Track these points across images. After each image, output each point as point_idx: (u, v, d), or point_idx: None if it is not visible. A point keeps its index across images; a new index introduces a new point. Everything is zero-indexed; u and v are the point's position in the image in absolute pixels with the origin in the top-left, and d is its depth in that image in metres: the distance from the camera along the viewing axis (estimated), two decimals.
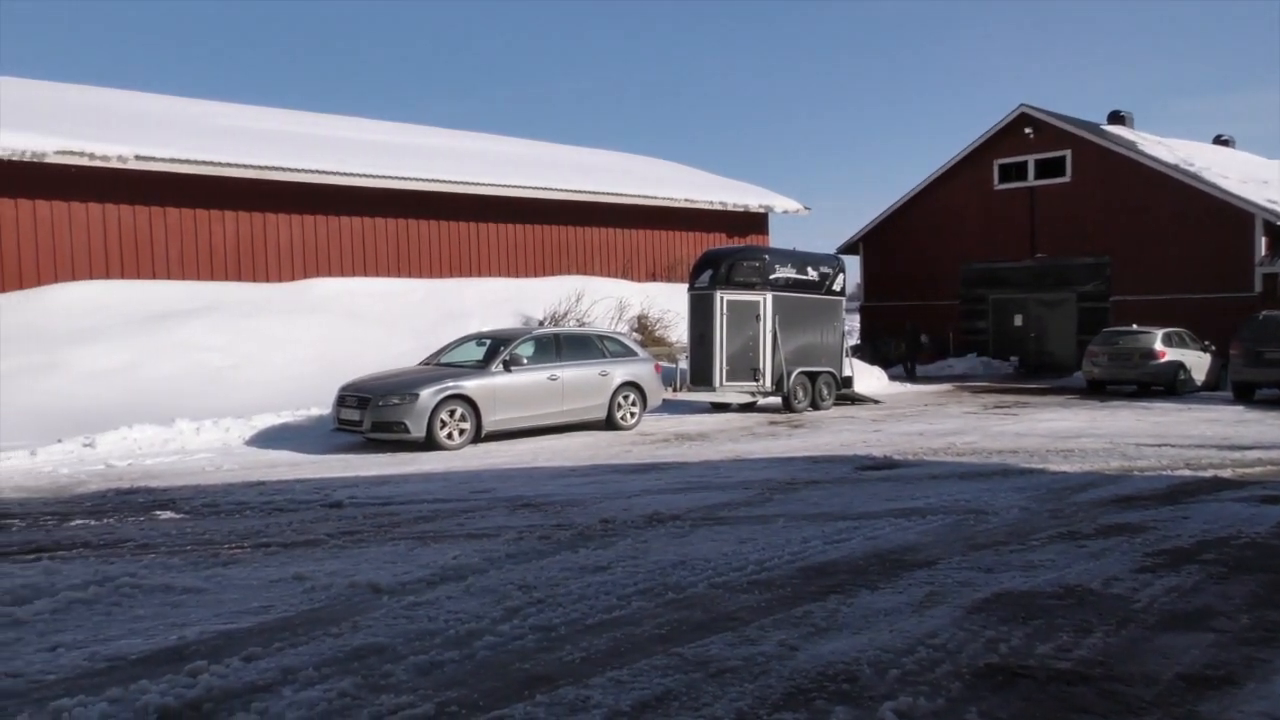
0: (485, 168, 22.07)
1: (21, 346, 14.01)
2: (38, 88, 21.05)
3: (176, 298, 16.45)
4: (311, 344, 16.19)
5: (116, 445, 11.44)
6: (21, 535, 7.13)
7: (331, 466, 10.69)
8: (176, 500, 8.56)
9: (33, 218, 15.85)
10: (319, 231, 19.10)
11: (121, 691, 3.68)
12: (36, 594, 5.21)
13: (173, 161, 16.59)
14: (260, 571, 5.78)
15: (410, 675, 3.95)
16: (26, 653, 4.27)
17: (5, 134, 15.13)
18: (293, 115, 24.79)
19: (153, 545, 6.65)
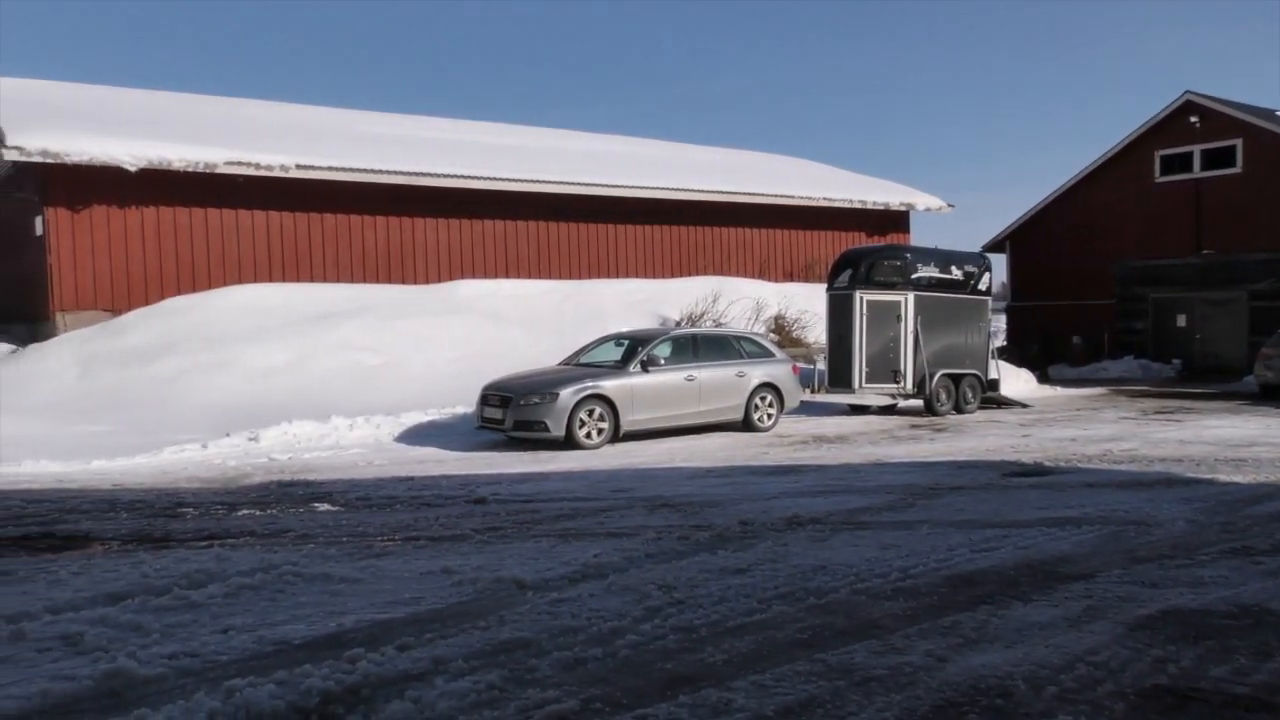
0: (624, 170, 22.31)
1: (195, 346, 14.98)
2: (207, 103, 22.46)
3: (332, 299, 17.27)
4: (456, 344, 16.72)
5: (278, 440, 12.09)
6: (195, 523, 7.61)
7: (475, 463, 10.99)
8: (333, 493, 8.97)
9: (205, 224, 16.95)
10: (464, 234, 19.71)
11: (287, 674, 3.87)
12: (209, 579, 5.55)
13: (330, 169, 17.45)
14: (411, 564, 5.99)
15: (555, 671, 4.02)
16: (201, 634, 4.54)
17: (182, 147, 16.23)
18: (440, 122, 25.65)
19: (312, 536, 6.98)
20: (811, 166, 30.21)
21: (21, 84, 19.49)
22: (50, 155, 15.00)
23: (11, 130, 14.96)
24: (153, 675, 3.96)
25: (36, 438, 11.88)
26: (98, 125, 16.52)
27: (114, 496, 8.95)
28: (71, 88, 20.87)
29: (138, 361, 14.68)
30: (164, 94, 22.58)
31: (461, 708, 3.63)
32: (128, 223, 16.30)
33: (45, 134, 15.17)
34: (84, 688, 3.83)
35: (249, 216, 17.34)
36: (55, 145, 15.06)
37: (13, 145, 14.70)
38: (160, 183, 16.23)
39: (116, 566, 6.00)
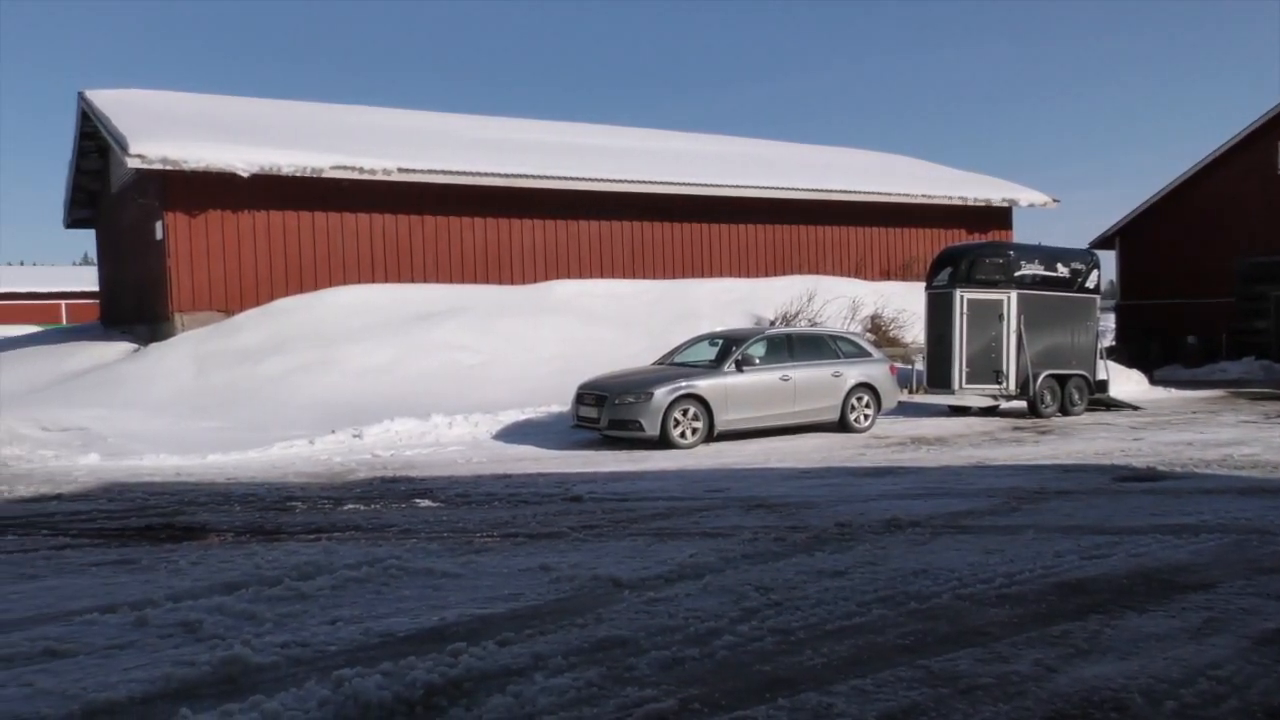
0: (717, 169, 22.24)
1: (303, 345, 15.49)
2: (315, 109, 23.21)
3: (432, 299, 17.65)
4: (551, 343, 16.90)
5: (381, 437, 12.41)
6: (304, 517, 7.87)
7: (571, 462, 11.10)
8: (433, 490, 9.17)
9: (312, 227, 17.53)
10: (559, 235, 19.93)
11: (392, 666, 3.98)
12: (318, 571, 5.73)
13: (430, 172, 17.85)
14: (510, 560, 6.08)
15: (653, 670, 4.03)
16: (311, 624, 4.70)
17: (291, 153, 16.81)
18: (536, 125, 26.00)
19: (414, 531, 7.15)
20: (909, 163, 29.63)
21: (143, 95, 20.46)
22: (169, 162, 15.70)
23: (135, 139, 15.71)
24: (266, 663, 4.11)
25: (157, 432, 12.45)
26: (213, 133, 17.23)
27: (228, 490, 9.32)
28: (188, 97, 21.81)
29: (249, 360, 15.25)
30: (274, 102, 23.43)
31: (561, 704, 3.67)
32: (240, 226, 16.97)
33: (165, 142, 15.89)
34: (203, 673, 4.00)
35: (353, 219, 17.86)
36: (174, 153, 15.76)
37: (135, 153, 15.44)
38: (270, 187, 16.84)
39: (231, 557, 6.24)
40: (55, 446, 11.75)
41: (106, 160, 21.52)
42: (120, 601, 5.10)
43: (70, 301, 51.85)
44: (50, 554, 6.47)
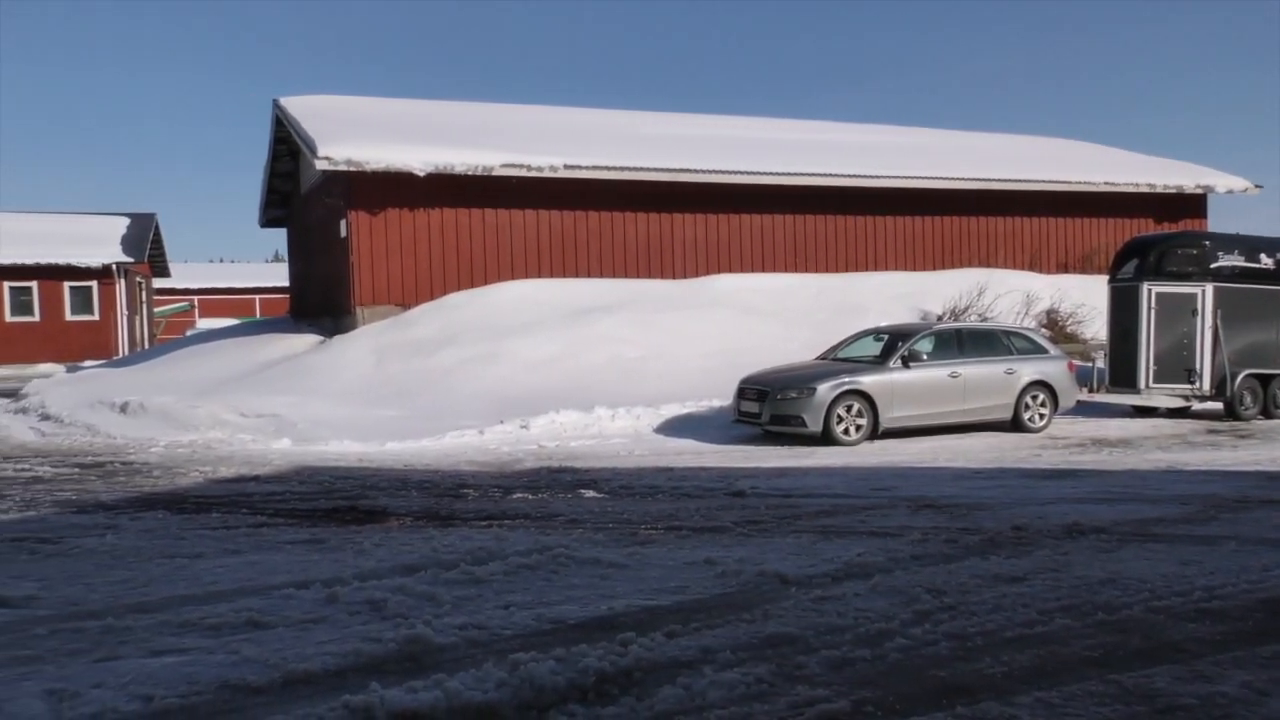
0: (881, 160, 21.69)
1: (473, 338, 16.07)
2: (486, 110, 23.99)
3: (595, 294, 17.96)
4: (712, 337, 16.90)
5: (546, 428, 12.73)
6: (475, 504, 8.17)
7: (732, 456, 11.08)
8: (597, 481, 9.33)
9: (482, 224, 18.17)
10: (721, 229, 19.91)
11: (565, 652, 4.07)
12: (490, 557, 5.93)
13: (595, 169, 18.17)
14: (674, 553, 6.12)
15: (823, 669, 3.97)
16: (486, 608, 4.86)
17: (464, 152, 17.46)
18: (699, 119, 26.04)
19: (580, 521, 7.30)
20: (1088, 149, 28.04)
21: (330, 100, 21.69)
22: (353, 164, 16.59)
23: (322, 143, 16.67)
24: (446, 643, 4.29)
25: (340, 420, 13.18)
26: (392, 135, 18.08)
27: (405, 476, 9.77)
28: (370, 101, 22.97)
29: (423, 352, 15.94)
30: (448, 103, 24.37)
31: (731, 698, 3.66)
32: (416, 224, 17.75)
33: (349, 145, 16.79)
34: (389, 650, 4.20)
35: (521, 215, 18.39)
36: (358, 155, 16.64)
37: (323, 156, 16.39)
38: (444, 186, 17.54)
39: (410, 540, 6.54)
40: (252, 431, 12.62)
41: (297, 163, 22.94)
42: (313, 578, 5.42)
43: (263, 296, 55.60)
44: (250, 531, 6.95)
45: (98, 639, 4.39)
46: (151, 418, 13.55)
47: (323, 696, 3.66)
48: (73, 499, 8.56)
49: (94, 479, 9.84)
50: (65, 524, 7.32)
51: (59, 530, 7.02)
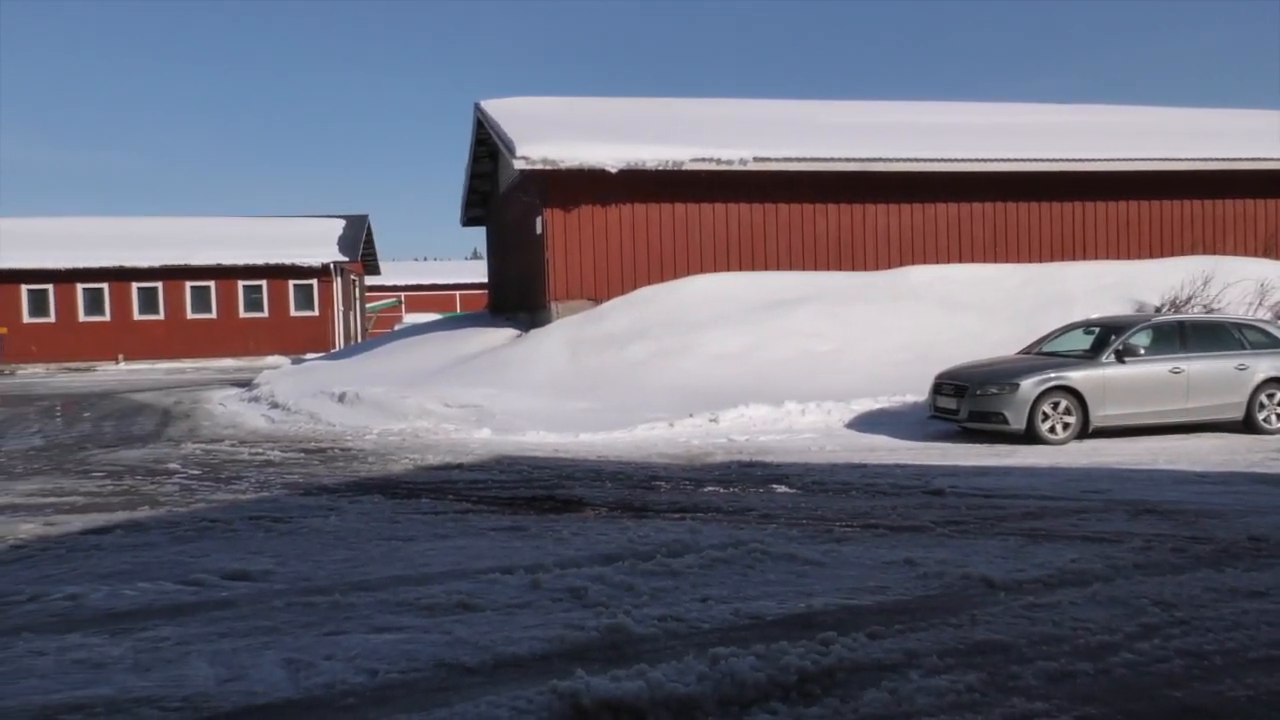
0: (1088, 142, 20.37)
1: (662, 331, 16.25)
2: (675, 105, 24.16)
3: (784, 287, 17.78)
4: (905, 331, 16.40)
5: (735, 422, 12.72)
6: (668, 496, 8.25)
7: (928, 454, 10.71)
8: (789, 476, 9.24)
9: (671, 218, 18.33)
10: (914, 219, 19.27)
11: (764, 649, 4.04)
12: (685, 549, 5.97)
13: (785, 160, 17.98)
14: (872, 552, 5.97)
15: (1039, 681, 3.76)
16: (684, 600, 4.90)
17: (654, 148, 17.66)
18: (889, 106, 25.30)
19: (773, 516, 7.24)
20: None
21: (527, 101, 22.43)
22: (549, 162, 17.11)
23: (520, 143, 17.28)
24: (646, 634, 4.35)
25: (536, 411, 13.63)
26: (585, 133, 18.51)
27: (599, 467, 9.99)
28: (564, 101, 23.58)
29: (614, 346, 16.25)
30: (639, 100, 24.69)
31: (941, 706, 3.53)
32: (608, 219, 18.12)
33: (545, 144, 17.32)
34: (591, 638, 4.30)
35: (710, 209, 18.43)
36: (552, 153, 17.15)
37: (520, 155, 16.99)
38: (635, 182, 17.81)
39: (607, 530, 6.67)
40: (455, 421, 13.25)
41: (496, 163, 23.88)
42: (516, 564, 5.63)
43: (463, 292, 58.36)
44: (456, 517, 7.29)
45: (326, 614, 4.72)
46: (366, 407, 14.46)
47: (531, 680, 3.79)
48: (299, 482, 9.25)
49: (317, 463, 10.60)
50: (294, 505, 7.92)
51: (289, 510, 7.60)
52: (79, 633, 4.46)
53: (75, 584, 5.31)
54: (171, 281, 36.67)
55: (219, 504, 8.04)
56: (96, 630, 4.50)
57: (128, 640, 4.33)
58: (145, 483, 9.45)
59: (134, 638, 4.36)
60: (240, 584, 5.33)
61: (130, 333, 36.74)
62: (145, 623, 4.62)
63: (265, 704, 3.60)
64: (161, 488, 9.08)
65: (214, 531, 6.77)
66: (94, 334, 36.72)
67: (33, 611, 4.84)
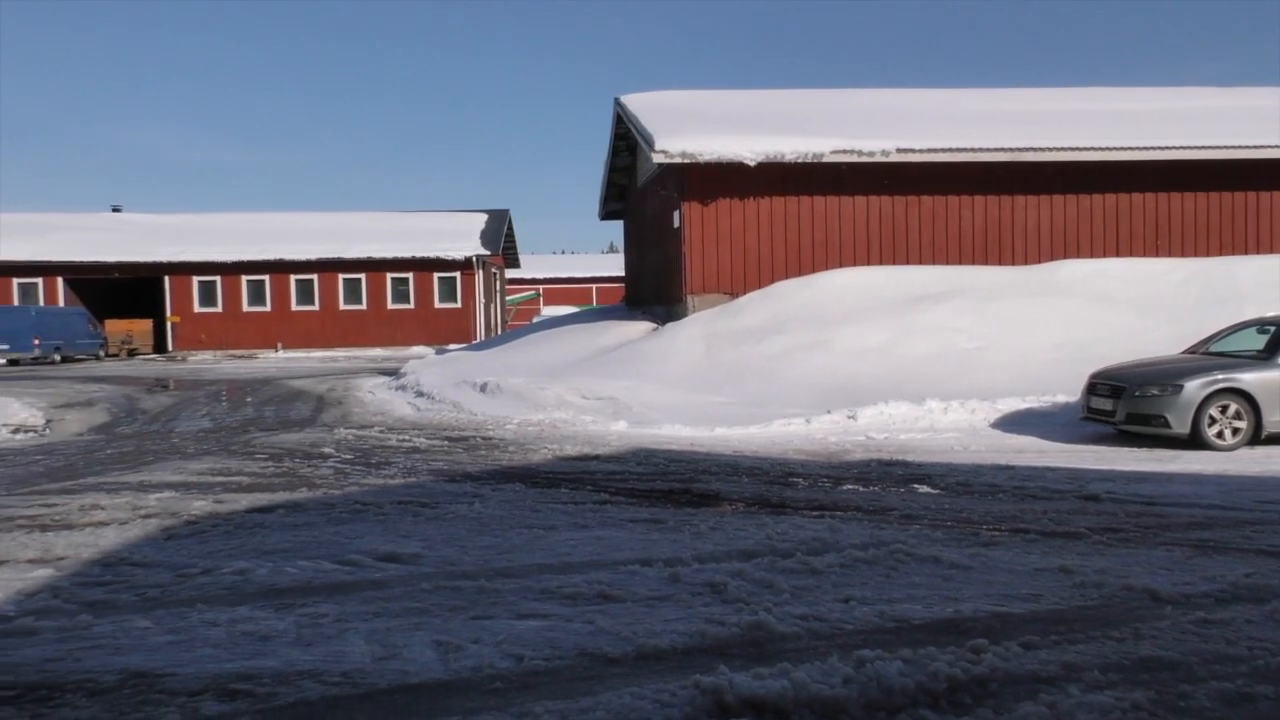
0: (1261, 126, 19.00)
1: (799, 326, 16.06)
2: (815, 96, 23.82)
3: (926, 281, 17.30)
4: (1056, 328, 15.72)
5: (874, 419, 12.45)
6: (806, 493, 8.14)
7: (1081, 456, 10.23)
8: (931, 476, 8.98)
9: (810, 211, 18.09)
10: (1067, 211, 18.43)
11: (911, 653, 3.92)
12: (825, 548, 5.87)
13: (929, 151, 17.48)
14: (1022, 558, 5.73)
15: (1214, 703, 3.53)
16: (825, 600, 4.81)
17: (794, 140, 17.48)
18: (1042, 93, 24.23)
19: (916, 517, 7.05)
20: None
21: (666, 95, 22.53)
22: (687, 156, 17.13)
23: (659, 136, 17.37)
24: (788, 632, 4.29)
25: (672, 404, 13.68)
26: (724, 126, 18.46)
27: (735, 462, 9.94)
28: (703, 94, 23.58)
29: (750, 340, 16.15)
30: (778, 92, 24.46)
31: None
32: (745, 213, 18.02)
33: (684, 137, 17.36)
34: (732, 634, 4.27)
35: (850, 202, 18.10)
36: (691, 147, 17.17)
37: (659, 149, 17.08)
38: (773, 175, 17.64)
39: (744, 526, 6.63)
40: (592, 413, 13.43)
41: (634, 157, 24.08)
42: (655, 557, 5.65)
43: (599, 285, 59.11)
44: (595, 508, 7.38)
45: (473, 598, 4.85)
46: (506, 397, 14.82)
47: (673, 674, 3.79)
48: (444, 469, 9.55)
49: (460, 451, 10.92)
50: (440, 491, 8.18)
51: (435, 496, 7.85)
52: (247, 606, 4.72)
53: (243, 559, 5.63)
54: (326, 274, 38.48)
55: (370, 488, 8.38)
56: (262, 604, 4.76)
57: (291, 615, 4.55)
58: (303, 465, 9.94)
59: (296, 613, 4.59)
60: (391, 566, 5.53)
61: (288, 322, 38.75)
62: (306, 599, 4.85)
63: (417, 683, 3.72)
64: (317, 470, 9.54)
65: (366, 514, 7.06)
66: (256, 323, 38.91)
67: (206, 584, 5.15)
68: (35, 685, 3.73)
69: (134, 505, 7.46)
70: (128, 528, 6.60)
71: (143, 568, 5.51)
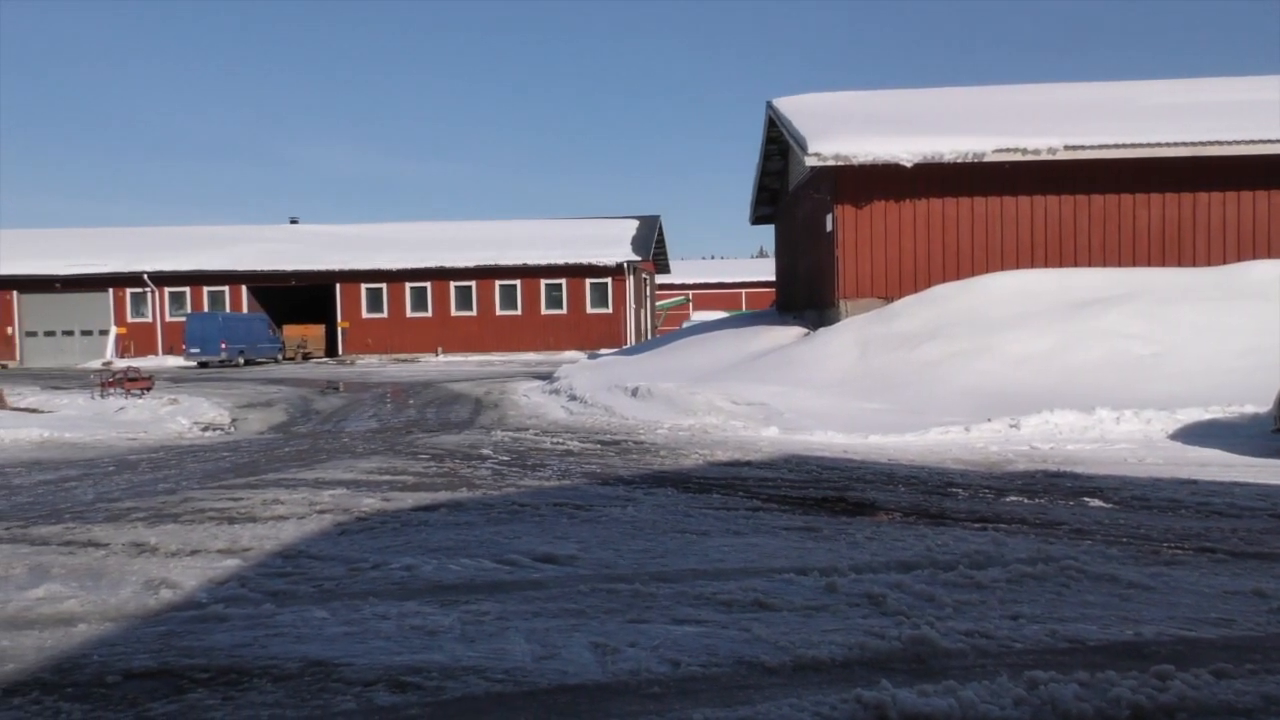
0: None
1: (958, 331, 15.54)
2: (977, 94, 23.02)
3: (1096, 285, 16.44)
4: (1243, 333, 14.63)
5: (1039, 428, 11.91)
6: (966, 504, 7.85)
7: (1273, 472, 9.46)
8: (1103, 489, 8.50)
9: (970, 213, 17.48)
10: (1256, 208, 17.14)
11: (1088, 676, 3.71)
12: (989, 561, 5.64)
13: (1100, 147, 16.62)
14: (1210, 579, 5.35)
15: None
16: (991, 616, 4.62)
17: (953, 139, 16.93)
18: (1235, 83, 22.63)
19: (1087, 532, 6.68)
20: None
21: (818, 98, 22.24)
22: (841, 158, 16.86)
23: (812, 139, 17.16)
24: (953, 648, 4.14)
25: (823, 410, 13.47)
26: (878, 127, 18.07)
27: (891, 470, 9.69)
28: (857, 96, 23.16)
29: (906, 345, 15.73)
30: (935, 90, 23.76)
31: None
32: (901, 215, 17.57)
33: (837, 140, 17.09)
34: (893, 648, 4.15)
35: (1013, 202, 17.38)
36: (844, 149, 16.88)
37: (812, 152, 16.88)
38: (931, 175, 17.14)
39: (902, 536, 6.45)
40: (742, 418, 13.37)
41: (786, 161, 23.87)
42: (810, 566, 5.56)
43: (748, 290, 58.91)
44: (748, 514, 7.33)
45: (629, 601, 4.89)
46: (657, 402, 14.93)
47: (833, 686, 3.72)
48: (597, 471, 9.70)
49: (612, 455, 11.07)
50: (593, 494, 8.31)
51: (589, 499, 7.98)
52: (414, 601, 4.91)
53: (409, 556, 5.86)
54: (483, 280, 39.79)
55: (526, 489, 8.59)
56: (429, 600, 4.94)
57: (455, 611, 4.70)
58: (463, 466, 10.29)
59: (460, 609, 4.74)
60: (548, 566, 5.65)
61: (448, 327, 40.28)
62: (469, 596, 5.01)
63: (577, 684, 3.78)
64: (476, 471, 9.85)
65: (524, 515, 7.23)
66: (418, 328, 40.60)
67: (376, 578, 5.38)
68: (226, 669, 3.98)
69: (310, 501, 7.89)
70: (305, 522, 6.98)
71: (319, 561, 5.81)
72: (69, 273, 43.20)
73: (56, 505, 8.20)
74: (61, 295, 43.59)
